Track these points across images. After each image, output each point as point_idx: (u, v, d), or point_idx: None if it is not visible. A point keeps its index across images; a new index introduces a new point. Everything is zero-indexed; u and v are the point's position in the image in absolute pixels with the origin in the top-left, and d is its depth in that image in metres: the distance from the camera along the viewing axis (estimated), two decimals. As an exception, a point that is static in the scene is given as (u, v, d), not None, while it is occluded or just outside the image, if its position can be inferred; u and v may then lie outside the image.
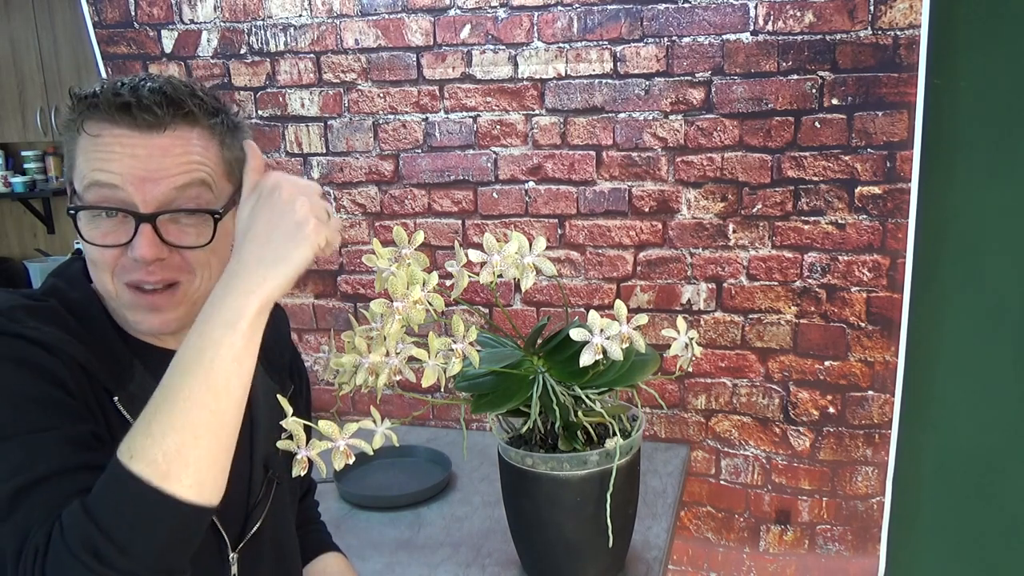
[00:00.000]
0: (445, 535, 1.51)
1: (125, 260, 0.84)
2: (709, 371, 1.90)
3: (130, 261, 0.83)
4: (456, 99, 1.90)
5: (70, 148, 0.86)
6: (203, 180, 0.85)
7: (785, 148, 1.74)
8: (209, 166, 0.86)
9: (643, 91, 1.79)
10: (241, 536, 0.94)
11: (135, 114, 0.82)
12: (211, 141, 0.87)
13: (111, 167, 0.82)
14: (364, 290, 2.06)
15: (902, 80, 1.65)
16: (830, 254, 1.76)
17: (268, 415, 0.99)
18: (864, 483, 1.83)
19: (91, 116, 0.83)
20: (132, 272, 0.84)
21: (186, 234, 0.85)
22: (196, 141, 0.85)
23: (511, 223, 1.93)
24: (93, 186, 0.82)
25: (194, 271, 0.86)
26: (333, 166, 2.01)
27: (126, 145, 0.82)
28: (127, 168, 0.82)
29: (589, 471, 1.18)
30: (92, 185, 0.82)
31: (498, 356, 1.20)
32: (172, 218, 0.84)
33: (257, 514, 0.95)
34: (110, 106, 0.82)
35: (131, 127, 0.82)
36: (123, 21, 2.04)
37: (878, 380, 1.78)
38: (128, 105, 0.82)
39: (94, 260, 0.84)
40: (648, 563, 1.38)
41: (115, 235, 0.83)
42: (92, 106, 0.83)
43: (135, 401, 0.83)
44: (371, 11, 1.89)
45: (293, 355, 1.11)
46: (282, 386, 1.03)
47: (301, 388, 1.10)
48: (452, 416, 2.09)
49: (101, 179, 0.82)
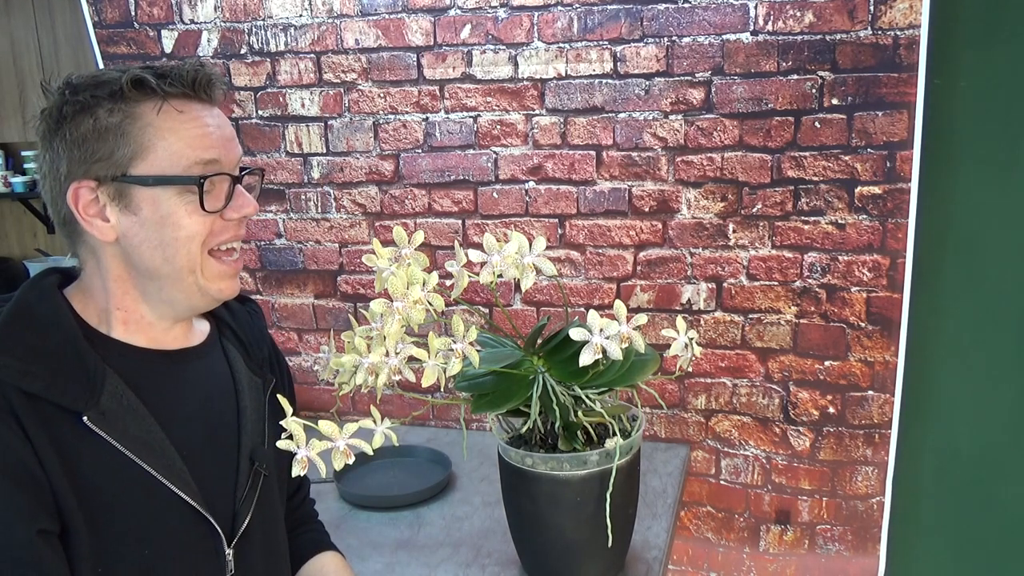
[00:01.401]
0: (445, 535, 1.51)
1: (217, 225, 0.90)
2: (709, 371, 1.90)
3: (223, 224, 0.90)
4: (456, 99, 1.90)
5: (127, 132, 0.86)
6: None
7: (785, 148, 1.74)
8: None
9: (643, 91, 1.79)
10: (233, 531, 0.94)
11: (207, 89, 0.90)
12: None
13: (211, 141, 0.88)
14: (364, 290, 2.06)
15: (902, 80, 1.65)
16: (830, 254, 1.76)
17: (253, 408, 1.00)
18: (864, 483, 1.83)
19: (172, 93, 0.87)
20: (223, 234, 0.91)
21: (252, 191, 0.95)
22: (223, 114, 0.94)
23: (511, 223, 1.93)
24: (199, 164, 0.87)
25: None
26: (333, 166, 2.01)
27: (207, 118, 0.89)
28: (219, 139, 0.89)
29: (589, 471, 1.18)
30: (199, 163, 0.87)
31: (498, 356, 1.20)
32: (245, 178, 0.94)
33: (245, 508, 0.95)
34: (194, 81, 0.88)
35: (203, 102, 0.90)
36: (123, 21, 2.04)
37: (878, 380, 1.78)
38: (204, 80, 0.89)
39: (192, 234, 0.88)
40: (648, 563, 1.38)
41: (215, 201, 0.89)
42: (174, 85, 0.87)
43: (108, 416, 0.83)
44: (371, 11, 1.90)
45: (272, 348, 1.12)
46: (263, 380, 1.04)
47: (283, 381, 1.11)
48: (452, 416, 2.09)
49: (208, 156, 0.88)
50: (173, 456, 0.88)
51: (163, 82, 0.86)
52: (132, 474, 0.84)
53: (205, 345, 1.00)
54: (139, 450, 0.85)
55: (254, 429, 0.99)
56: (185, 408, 0.93)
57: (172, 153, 0.86)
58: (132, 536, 0.85)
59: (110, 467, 0.83)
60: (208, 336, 1.01)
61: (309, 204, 2.05)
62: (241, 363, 1.02)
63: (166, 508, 0.87)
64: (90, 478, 0.82)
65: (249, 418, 0.99)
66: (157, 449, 0.86)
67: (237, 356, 1.03)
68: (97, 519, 0.82)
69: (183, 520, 0.88)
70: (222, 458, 0.96)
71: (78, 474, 0.81)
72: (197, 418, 0.94)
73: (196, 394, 0.95)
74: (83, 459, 0.82)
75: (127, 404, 0.86)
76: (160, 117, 0.86)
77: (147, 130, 0.85)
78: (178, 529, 0.88)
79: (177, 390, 0.93)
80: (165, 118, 0.86)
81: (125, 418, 0.85)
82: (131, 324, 0.91)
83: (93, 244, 0.89)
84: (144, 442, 0.85)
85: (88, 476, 0.82)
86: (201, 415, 0.95)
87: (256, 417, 1.00)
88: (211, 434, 0.95)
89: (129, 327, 0.91)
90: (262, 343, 1.08)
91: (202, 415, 0.95)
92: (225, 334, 1.04)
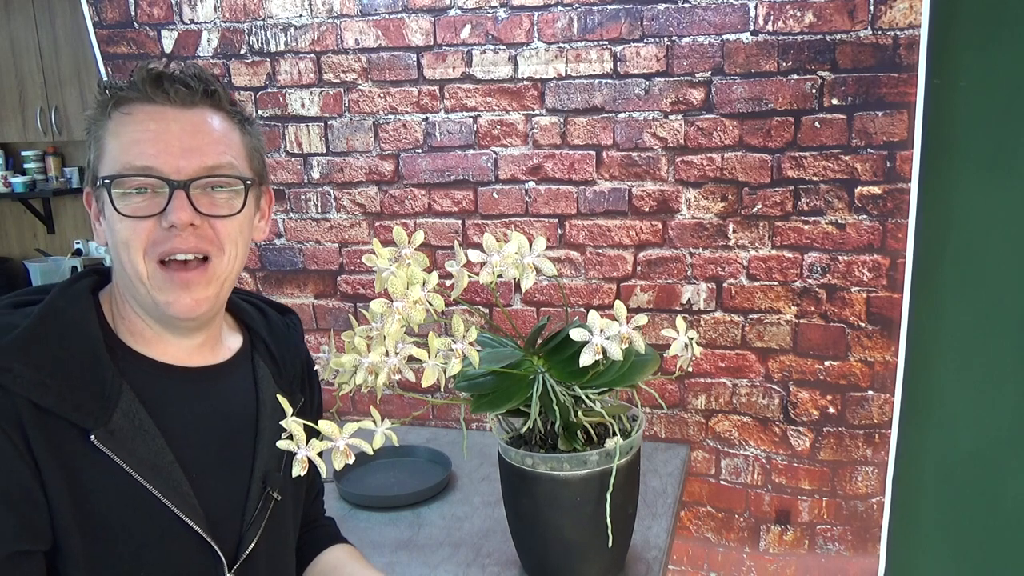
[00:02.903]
0: (445, 535, 1.51)
1: (158, 233, 0.85)
2: (709, 371, 1.90)
3: (163, 233, 0.85)
4: (456, 99, 1.90)
5: (98, 137, 0.86)
6: (230, 163, 0.88)
7: (785, 148, 1.74)
8: (234, 149, 0.89)
9: (643, 91, 1.79)
10: (236, 556, 0.92)
11: (167, 88, 0.84)
12: (232, 126, 0.90)
13: (145, 147, 0.84)
14: (364, 290, 2.06)
15: (902, 80, 1.65)
16: (830, 254, 1.76)
17: (272, 431, 0.96)
18: (864, 483, 1.83)
19: (123, 96, 0.85)
20: (164, 243, 0.85)
21: (217, 205, 0.87)
22: (220, 124, 0.88)
23: (511, 223, 1.93)
24: (128, 168, 0.83)
25: (223, 247, 0.88)
26: (333, 166, 2.01)
27: (159, 120, 0.85)
28: (162, 143, 0.84)
29: (589, 471, 1.18)
30: (127, 167, 0.83)
31: (498, 356, 1.20)
32: (204, 191, 0.86)
33: (252, 532, 0.94)
34: (144, 81, 0.84)
35: (164, 101, 0.85)
36: (123, 21, 2.04)
37: (878, 380, 1.78)
38: (161, 77, 0.84)
39: (126, 240, 0.85)
40: (648, 563, 1.38)
41: (148, 207, 0.84)
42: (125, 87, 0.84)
43: (117, 435, 0.82)
44: (371, 11, 1.90)
45: (307, 365, 1.10)
46: (291, 398, 1.01)
47: (312, 401, 1.09)
48: (452, 416, 2.09)
49: (135, 162, 0.83)
50: (180, 479, 0.86)
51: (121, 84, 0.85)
52: (136, 495, 0.83)
53: (232, 363, 0.98)
54: (145, 471, 0.84)
55: (270, 453, 0.97)
56: (199, 430, 0.91)
57: (112, 158, 0.85)
58: (130, 557, 0.84)
59: (114, 487, 0.83)
60: (238, 352, 0.99)
61: (309, 204, 2.05)
62: (269, 381, 1.00)
63: (168, 531, 0.86)
64: (93, 497, 0.82)
65: (266, 442, 0.97)
66: (164, 471, 0.85)
67: (266, 374, 1.00)
68: (96, 538, 0.82)
69: (184, 543, 0.87)
70: (232, 482, 0.94)
71: (80, 492, 0.81)
72: (210, 440, 0.92)
73: (213, 415, 0.93)
74: (87, 477, 0.81)
75: (138, 424, 0.85)
76: (112, 120, 0.85)
77: (103, 135, 0.86)
78: (178, 552, 0.87)
79: (193, 410, 0.92)
80: (115, 120, 0.85)
81: (134, 438, 0.84)
82: (136, 335, 0.90)
83: None
84: (151, 463, 0.84)
85: (91, 495, 0.82)
86: (215, 437, 0.93)
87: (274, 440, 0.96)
88: (223, 456, 0.93)
89: (135, 337, 0.90)
90: (296, 359, 1.06)
91: (216, 437, 0.93)
92: (258, 348, 1.01)
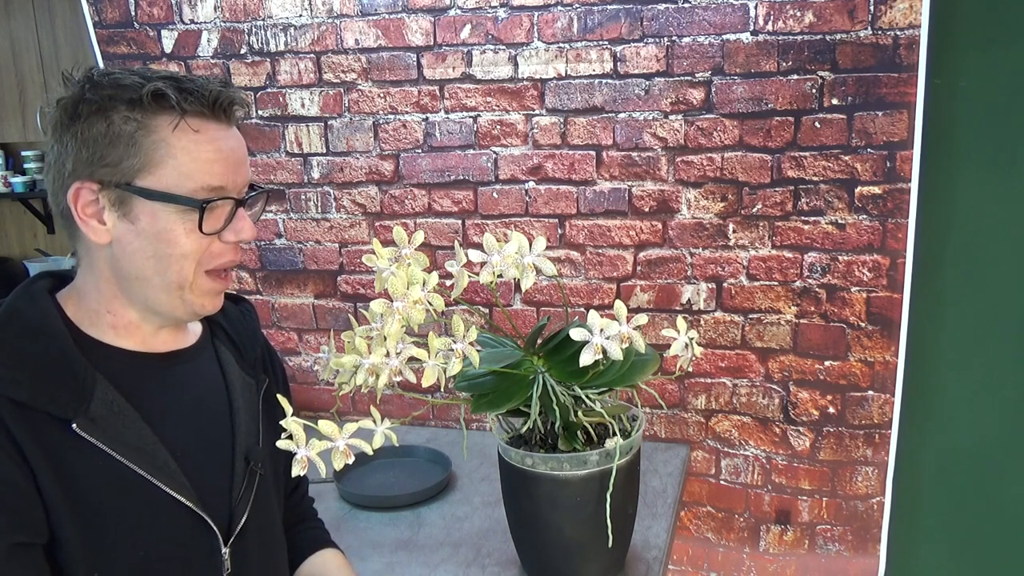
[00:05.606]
0: (445, 535, 1.51)
1: (217, 246, 0.89)
2: (709, 371, 1.90)
3: (222, 246, 0.90)
4: (456, 99, 1.90)
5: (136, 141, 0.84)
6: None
7: (785, 148, 1.74)
8: None
9: (643, 91, 1.79)
10: (230, 530, 0.94)
11: (227, 110, 0.89)
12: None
13: (216, 167, 0.87)
14: (364, 290, 2.06)
15: (902, 80, 1.65)
16: (830, 254, 1.76)
17: (246, 408, 1.00)
18: (864, 483, 1.83)
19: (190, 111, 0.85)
20: (222, 256, 0.90)
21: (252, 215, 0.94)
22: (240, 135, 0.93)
23: (511, 223, 1.93)
24: (205, 188, 0.86)
25: None
26: (333, 166, 2.01)
27: (224, 139, 0.89)
28: (229, 163, 0.88)
29: (589, 471, 1.18)
30: (205, 188, 0.86)
31: (498, 356, 1.20)
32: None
33: (242, 507, 0.95)
34: (212, 101, 0.86)
35: (220, 122, 0.88)
36: (123, 21, 2.04)
37: (878, 380, 1.78)
38: (225, 101, 0.88)
39: (187, 252, 0.87)
40: (648, 563, 1.38)
41: (214, 223, 0.88)
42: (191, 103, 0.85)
43: (98, 422, 0.83)
44: (371, 11, 1.89)
45: (265, 349, 1.12)
46: (256, 380, 1.04)
47: (276, 381, 1.11)
48: (452, 416, 2.09)
49: (212, 182, 0.87)
50: (166, 458, 0.87)
51: (184, 98, 0.84)
52: (125, 478, 0.84)
53: (196, 347, 0.99)
54: (131, 454, 0.84)
55: (248, 429, 0.99)
56: (176, 410, 0.93)
57: (180, 173, 0.85)
58: (126, 540, 0.85)
59: (102, 472, 0.83)
60: (200, 338, 1.01)
61: (309, 204, 2.05)
62: (233, 364, 1.02)
63: (161, 510, 0.87)
64: (82, 484, 0.82)
65: (243, 418, 0.99)
66: (149, 452, 0.86)
67: (229, 357, 1.02)
68: (90, 525, 0.82)
69: (178, 521, 0.88)
70: (216, 458, 0.96)
71: (70, 481, 0.81)
72: (189, 419, 0.94)
73: (187, 396, 0.95)
74: (75, 466, 0.82)
75: (117, 409, 0.85)
76: (175, 134, 0.84)
77: (159, 145, 0.84)
78: (173, 530, 0.88)
79: (168, 392, 0.93)
80: (180, 136, 0.85)
81: (116, 423, 0.85)
82: (120, 328, 0.91)
83: (88, 243, 0.88)
84: (135, 446, 0.85)
85: (80, 482, 0.82)
86: (193, 416, 0.95)
87: (249, 417, 1.00)
88: (204, 435, 0.95)
89: (119, 331, 0.91)
90: (255, 343, 1.08)
91: (194, 416, 0.95)
92: (217, 335, 1.03)
